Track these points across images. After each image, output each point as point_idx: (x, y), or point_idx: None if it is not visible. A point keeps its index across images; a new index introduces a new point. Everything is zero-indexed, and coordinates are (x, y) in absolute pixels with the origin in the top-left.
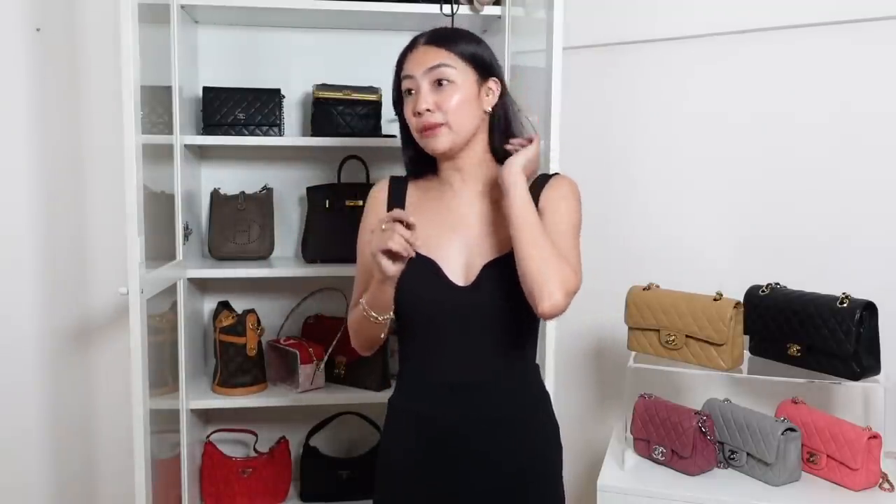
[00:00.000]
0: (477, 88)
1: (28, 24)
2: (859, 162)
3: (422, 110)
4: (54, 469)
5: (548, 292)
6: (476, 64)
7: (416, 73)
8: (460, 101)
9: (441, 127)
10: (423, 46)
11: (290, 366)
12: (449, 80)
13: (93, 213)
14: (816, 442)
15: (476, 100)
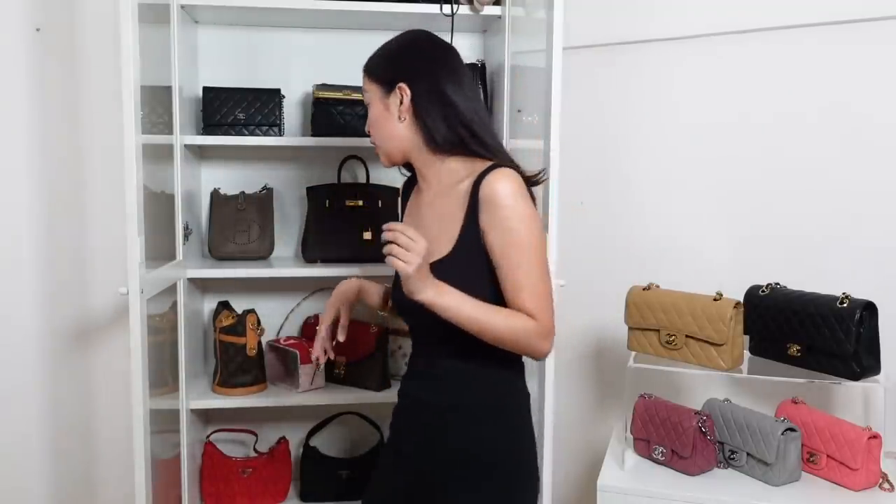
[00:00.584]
0: (382, 104)
1: (28, 24)
2: (859, 162)
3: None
4: (54, 469)
5: (534, 353)
6: (378, 80)
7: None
8: (372, 121)
9: (377, 148)
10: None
11: (290, 366)
12: (367, 102)
13: (93, 213)
14: (816, 442)
15: (385, 113)
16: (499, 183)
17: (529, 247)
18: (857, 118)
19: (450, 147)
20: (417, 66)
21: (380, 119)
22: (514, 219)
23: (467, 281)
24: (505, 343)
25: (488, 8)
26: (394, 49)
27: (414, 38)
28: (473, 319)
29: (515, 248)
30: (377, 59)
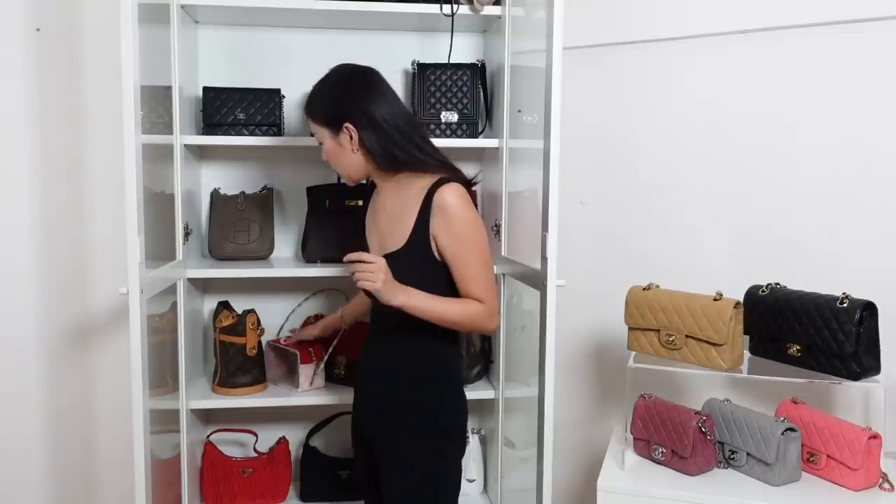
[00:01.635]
0: (334, 141)
1: (28, 24)
2: (859, 162)
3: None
4: (54, 469)
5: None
6: (323, 122)
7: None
8: (329, 154)
9: (339, 172)
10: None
11: (290, 366)
12: (319, 140)
13: (93, 213)
14: (816, 442)
15: (339, 148)
16: (449, 196)
17: (475, 247)
18: (858, 118)
19: (396, 167)
20: (351, 103)
21: (336, 153)
22: (461, 225)
23: (415, 270)
24: (461, 326)
25: (488, 8)
26: (326, 91)
27: (339, 76)
28: (437, 312)
29: (464, 248)
30: (317, 104)
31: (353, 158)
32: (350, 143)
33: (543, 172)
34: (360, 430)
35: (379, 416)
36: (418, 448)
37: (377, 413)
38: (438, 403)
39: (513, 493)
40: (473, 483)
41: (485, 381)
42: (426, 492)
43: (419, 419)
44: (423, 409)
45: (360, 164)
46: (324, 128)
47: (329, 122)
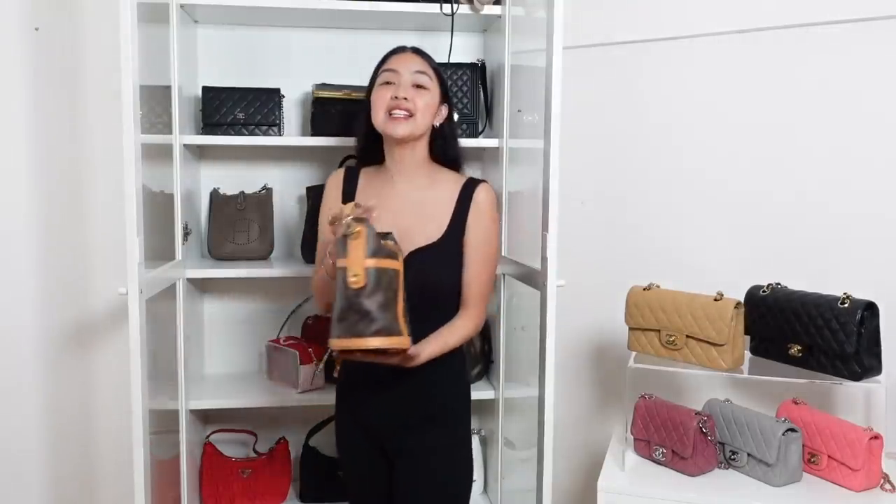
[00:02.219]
0: (438, 103)
1: (27, 24)
2: (860, 162)
3: (401, 96)
4: (54, 469)
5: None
6: (442, 86)
7: (401, 69)
8: (427, 105)
9: (410, 118)
10: (411, 53)
11: (290, 366)
12: (425, 87)
13: (92, 213)
14: (817, 442)
15: (435, 110)
16: (489, 194)
17: (491, 248)
18: (859, 118)
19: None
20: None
21: (431, 109)
22: (490, 223)
23: (449, 260)
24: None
25: (488, 7)
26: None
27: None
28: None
29: (483, 245)
30: (440, 72)
31: (428, 123)
32: (436, 118)
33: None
34: (375, 434)
35: (411, 415)
36: (457, 440)
37: (409, 413)
38: (465, 394)
39: (513, 493)
40: (474, 483)
41: (485, 381)
42: (464, 483)
43: (455, 412)
44: (455, 400)
45: (422, 131)
46: (438, 85)
47: (443, 88)
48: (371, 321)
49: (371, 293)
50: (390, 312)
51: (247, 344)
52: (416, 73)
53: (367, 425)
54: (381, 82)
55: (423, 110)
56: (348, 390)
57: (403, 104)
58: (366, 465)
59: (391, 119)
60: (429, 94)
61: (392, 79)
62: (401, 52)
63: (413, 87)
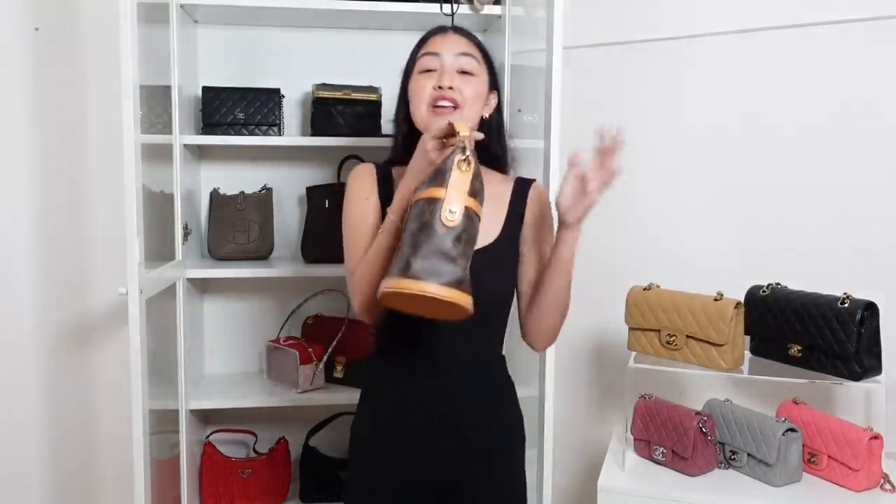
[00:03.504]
0: (486, 91)
1: (27, 24)
2: (860, 161)
3: (446, 85)
4: (54, 469)
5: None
6: (491, 71)
7: (444, 52)
8: (476, 94)
9: (456, 109)
10: (453, 34)
11: (290, 366)
12: (472, 72)
13: (92, 213)
14: (817, 442)
15: (484, 99)
16: (546, 193)
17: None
18: (859, 117)
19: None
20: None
21: (480, 98)
22: (553, 226)
23: (508, 262)
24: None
25: (488, 7)
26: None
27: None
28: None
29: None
30: (486, 51)
31: (477, 115)
32: (487, 108)
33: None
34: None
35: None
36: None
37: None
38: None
39: None
40: None
41: None
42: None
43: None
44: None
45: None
46: (486, 70)
47: (492, 73)
48: (455, 268)
49: (458, 238)
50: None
51: (247, 344)
52: (460, 56)
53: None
54: (420, 69)
55: (472, 100)
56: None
57: (449, 94)
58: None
59: (435, 112)
60: (477, 81)
61: (433, 65)
62: (441, 33)
63: (458, 74)
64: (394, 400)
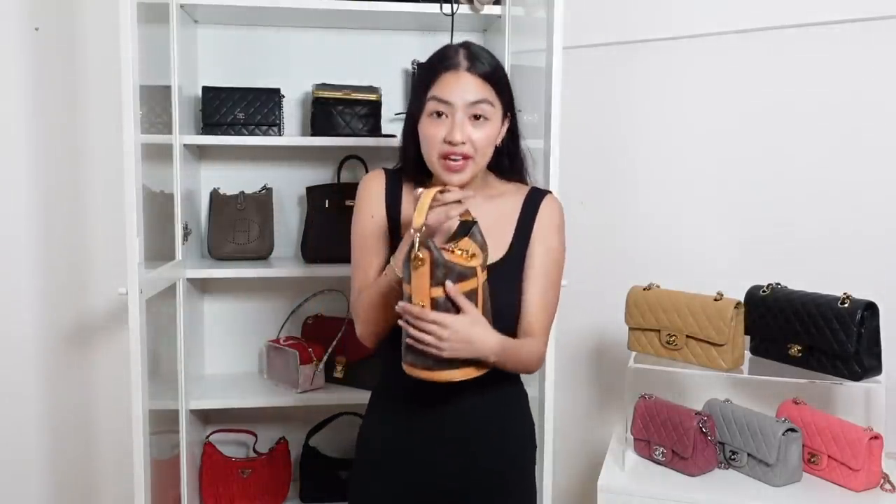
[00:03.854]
0: (500, 125)
1: (27, 24)
2: (860, 162)
3: (456, 141)
4: (54, 469)
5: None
6: (506, 104)
7: (456, 102)
8: (489, 138)
9: (469, 160)
10: (468, 75)
11: (290, 366)
12: (487, 117)
13: (92, 213)
14: (817, 442)
15: (496, 135)
16: (558, 208)
17: (560, 269)
18: (859, 117)
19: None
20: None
21: (491, 139)
22: (562, 244)
23: (515, 279)
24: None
25: (488, 7)
26: (502, 69)
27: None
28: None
29: (554, 266)
30: (504, 78)
31: (491, 152)
32: (500, 134)
33: (543, 172)
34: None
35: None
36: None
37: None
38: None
39: None
40: None
41: None
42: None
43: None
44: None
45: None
46: (501, 106)
47: (507, 105)
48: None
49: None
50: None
51: (247, 344)
52: (475, 106)
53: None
54: (430, 112)
55: (483, 147)
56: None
57: (459, 150)
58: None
59: (445, 166)
60: (490, 125)
61: (444, 110)
62: (454, 71)
63: (470, 120)
64: (405, 416)
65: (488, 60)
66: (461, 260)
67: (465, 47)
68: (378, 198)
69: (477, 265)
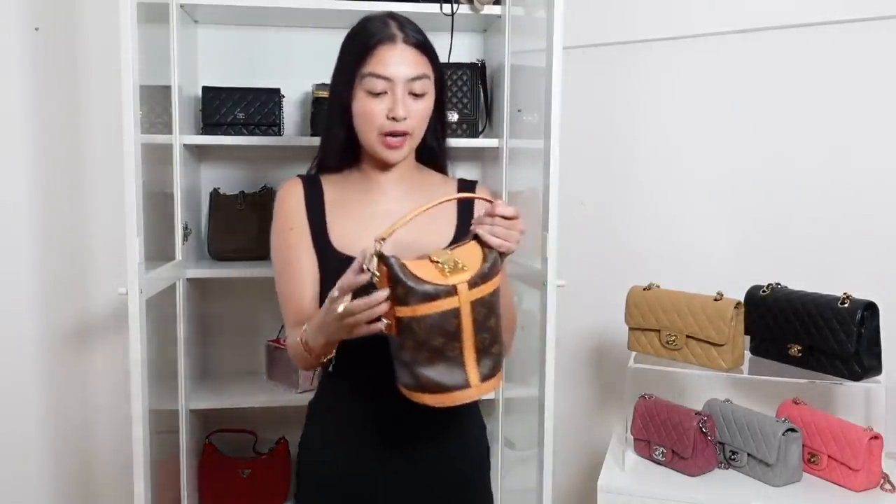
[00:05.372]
0: (434, 99)
1: (27, 24)
2: (860, 162)
3: (400, 117)
4: (54, 469)
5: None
6: (438, 75)
7: (397, 77)
8: (426, 114)
9: (407, 137)
10: (405, 47)
11: (290, 366)
12: (426, 92)
13: (92, 213)
14: (817, 442)
15: (431, 110)
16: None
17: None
18: (859, 118)
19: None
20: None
21: (427, 114)
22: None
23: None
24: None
25: (488, 7)
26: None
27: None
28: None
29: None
30: (434, 50)
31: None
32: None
33: (543, 172)
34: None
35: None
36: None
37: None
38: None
39: (513, 493)
40: None
41: None
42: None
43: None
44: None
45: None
46: (435, 78)
47: (439, 76)
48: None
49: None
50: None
51: (247, 344)
52: (415, 81)
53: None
54: (368, 89)
55: (421, 122)
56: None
57: (402, 126)
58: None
59: (386, 143)
60: (427, 99)
61: (384, 88)
62: (390, 44)
63: (410, 97)
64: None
65: (417, 28)
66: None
67: (392, 17)
68: (297, 206)
69: (460, 282)
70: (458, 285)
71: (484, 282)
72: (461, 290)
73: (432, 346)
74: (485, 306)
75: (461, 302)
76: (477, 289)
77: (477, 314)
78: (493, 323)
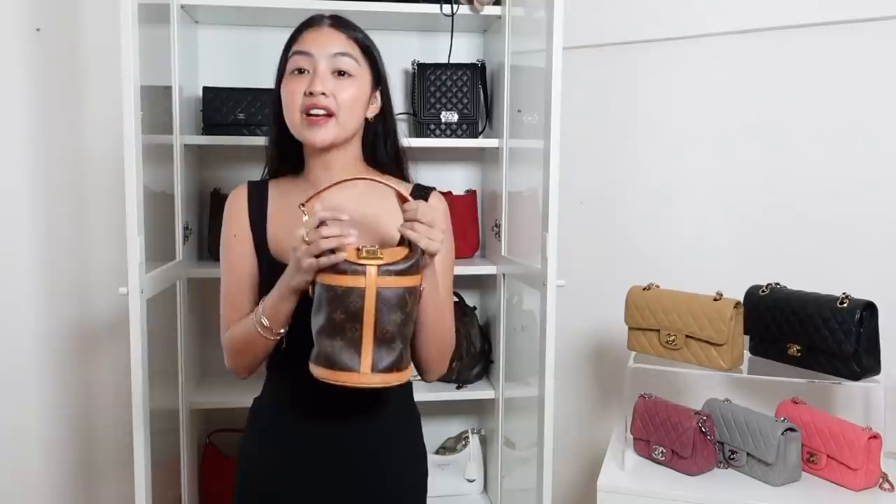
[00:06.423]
0: (369, 92)
1: (28, 24)
2: (860, 162)
3: (317, 91)
4: (54, 469)
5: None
6: (374, 68)
7: (316, 52)
8: (355, 98)
9: (330, 118)
10: (329, 28)
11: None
12: (350, 73)
13: (93, 213)
14: (816, 442)
15: (365, 102)
16: (443, 202)
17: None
18: (859, 118)
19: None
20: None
21: (361, 102)
22: (450, 232)
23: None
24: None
25: (488, 8)
26: (371, 41)
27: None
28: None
29: (450, 262)
30: (371, 44)
31: (358, 121)
32: (371, 108)
33: (543, 172)
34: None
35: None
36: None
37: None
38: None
39: (513, 493)
40: (473, 483)
41: (485, 381)
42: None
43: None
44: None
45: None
46: (368, 68)
47: (375, 70)
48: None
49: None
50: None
51: None
52: (337, 58)
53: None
54: (292, 69)
55: (350, 106)
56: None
57: (322, 101)
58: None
59: (308, 122)
60: (355, 83)
61: (305, 65)
62: (315, 27)
63: (334, 76)
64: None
65: (356, 27)
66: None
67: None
68: (241, 212)
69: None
70: (368, 267)
71: (397, 275)
72: (369, 273)
73: (334, 320)
74: (393, 300)
75: (367, 284)
76: (386, 278)
77: (382, 303)
78: (399, 319)
